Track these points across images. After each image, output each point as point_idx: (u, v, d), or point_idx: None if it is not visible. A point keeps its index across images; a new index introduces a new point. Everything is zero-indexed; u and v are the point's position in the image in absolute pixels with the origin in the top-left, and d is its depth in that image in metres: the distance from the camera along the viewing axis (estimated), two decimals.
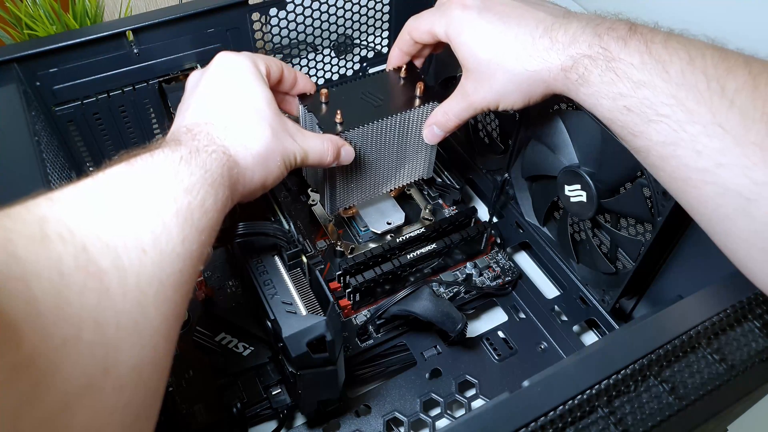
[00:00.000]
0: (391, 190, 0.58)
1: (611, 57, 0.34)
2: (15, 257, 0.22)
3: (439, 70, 0.61)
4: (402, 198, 0.61)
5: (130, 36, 0.52)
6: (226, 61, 0.41)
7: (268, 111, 0.39)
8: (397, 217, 0.58)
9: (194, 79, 0.42)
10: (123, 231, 0.27)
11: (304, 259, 0.45)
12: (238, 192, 0.36)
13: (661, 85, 0.32)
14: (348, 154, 0.46)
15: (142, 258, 0.27)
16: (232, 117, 0.38)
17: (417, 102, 0.49)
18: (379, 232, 0.57)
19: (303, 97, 0.49)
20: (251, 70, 0.40)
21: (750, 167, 0.29)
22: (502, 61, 0.40)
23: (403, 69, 0.52)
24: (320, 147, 0.43)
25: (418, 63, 0.52)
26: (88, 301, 0.24)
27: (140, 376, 0.26)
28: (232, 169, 0.35)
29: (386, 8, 0.64)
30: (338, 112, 0.47)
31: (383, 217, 0.58)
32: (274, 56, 0.62)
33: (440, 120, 0.48)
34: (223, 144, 0.36)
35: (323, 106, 0.49)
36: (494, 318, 0.56)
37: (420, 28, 0.46)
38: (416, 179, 0.57)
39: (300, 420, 0.49)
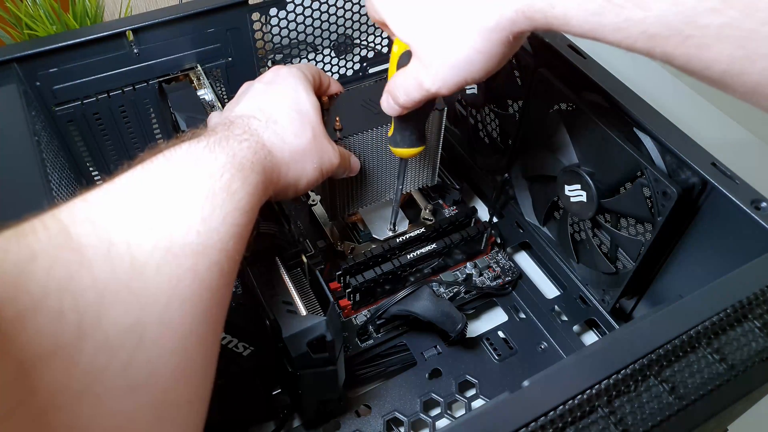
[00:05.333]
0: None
1: None
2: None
3: None
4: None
5: (130, 36, 0.52)
6: (280, 69, 0.43)
7: (314, 115, 0.41)
8: (402, 224, 0.58)
9: (248, 84, 0.44)
10: (152, 233, 0.27)
11: (304, 259, 0.45)
12: (272, 183, 0.37)
13: None
14: (356, 163, 0.48)
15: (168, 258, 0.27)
16: (276, 114, 0.39)
17: None
18: (381, 239, 0.57)
19: None
20: (302, 78, 0.43)
21: None
22: (444, 24, 0.33)
23: None
24: (345, 155, 0.45)
25: None
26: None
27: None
28: (265, 158, 0.35)
29: None
30: (337, 119, 0.47)
31: (386, 224, 0.58)
32: (274, 56, 0.62)
33: (397, 95, 0.40)
34: (259, 135, 0.36)
35: (323, 112, 0.49)
36: (494, 318, 0.56)
37: (373, 18, 0.40)
38: (420, 186, 0.56)
39: (300, 420, 0.49)
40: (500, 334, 0.54)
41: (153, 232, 0.27)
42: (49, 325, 0.22)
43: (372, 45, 0.67)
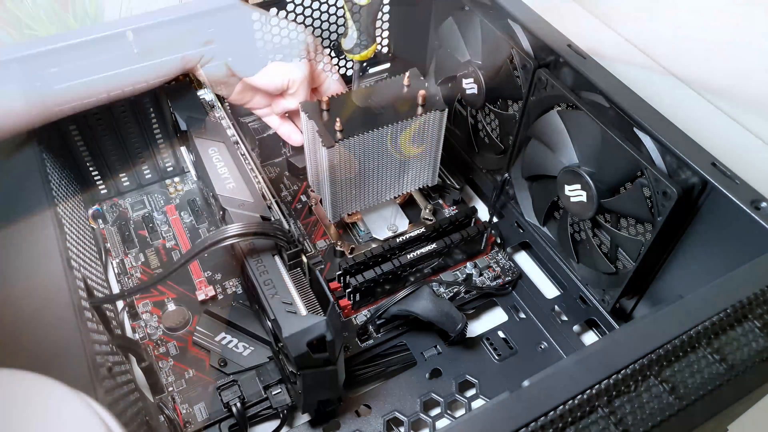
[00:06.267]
0: (395, 197, 0.58)
1: None
2: None
3: (439, 70, 0.61)
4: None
5: (130, 36, 0.52)
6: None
7: None
8: (401, 224, 0.58)
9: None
10: None
11: (304, 259, 0.45)
12: None
13: None
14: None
15: None
16: None
17: (419, 110, 0.49)
18: (381, 239, 0.57)
19: (304, 105, 0.49)
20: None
21: None
22: None
23: (405, 77, 0.51)
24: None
25: None
26: None
27: None
28: None
29: (386, 8, 0.64)
30: (338, 120, 0.47)
31: (386, 224, 0.58)
32: (274, 56, 0.62)
33: None
34: None
35: (324, 113, 0.49)
36: (494, 318, 0.56)
37: None
38: (421, 186, 0.56)
39: (300, 420, 0.49)
40: (500, 334, 0.54)
41: None
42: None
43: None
